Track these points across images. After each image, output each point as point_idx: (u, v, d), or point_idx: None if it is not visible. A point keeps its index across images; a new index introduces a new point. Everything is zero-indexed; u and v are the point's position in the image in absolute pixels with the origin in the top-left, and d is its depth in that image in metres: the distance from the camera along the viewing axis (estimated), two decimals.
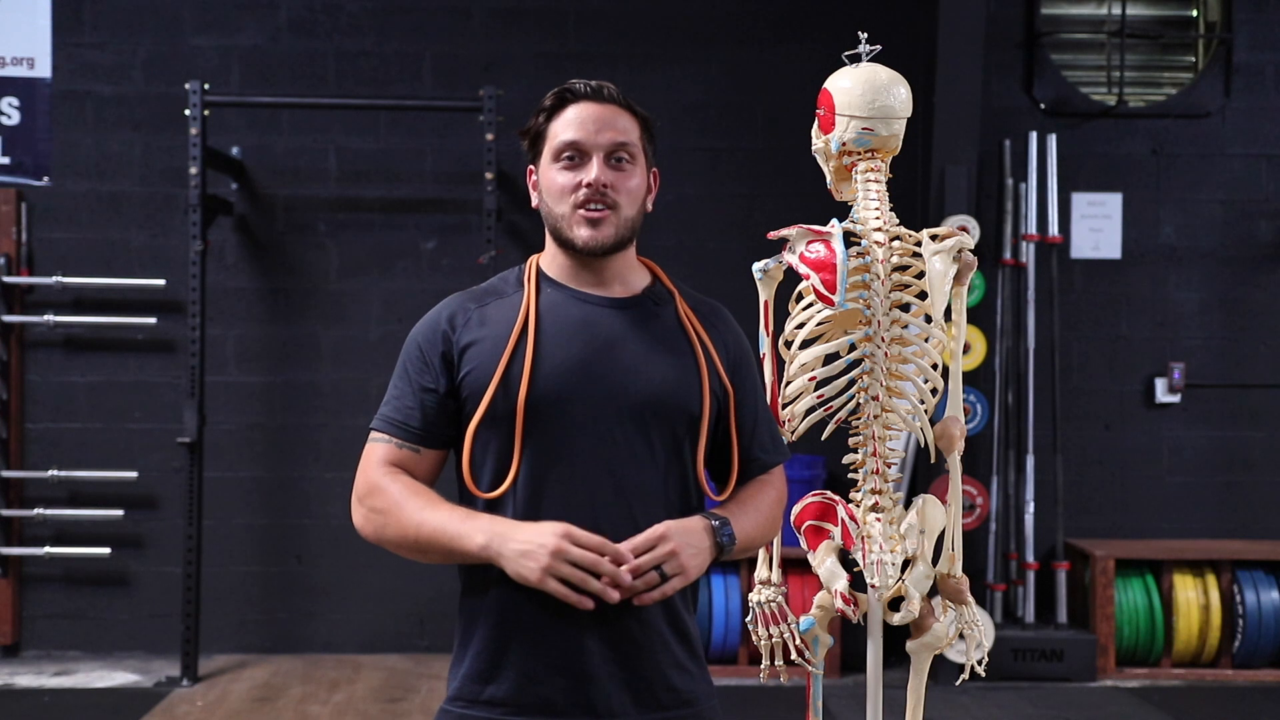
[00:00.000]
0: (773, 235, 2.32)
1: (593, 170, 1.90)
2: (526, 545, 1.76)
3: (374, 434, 1.94)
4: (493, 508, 1.88)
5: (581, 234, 1.91)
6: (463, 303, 1.97)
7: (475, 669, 1.89)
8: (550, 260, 1.99)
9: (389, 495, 1.87)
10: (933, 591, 2.32)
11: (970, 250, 2.33)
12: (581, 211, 1.90)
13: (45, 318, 5.56)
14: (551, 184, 1.93)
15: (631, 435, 1.87)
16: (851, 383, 2.29)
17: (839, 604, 2.24)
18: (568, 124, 1.93)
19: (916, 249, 2.28)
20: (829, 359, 2.29)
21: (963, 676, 2.46)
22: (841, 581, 2.24)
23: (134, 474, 5.56)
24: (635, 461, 1.87)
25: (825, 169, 2.41)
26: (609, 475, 1.86)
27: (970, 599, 2.36)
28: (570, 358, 1.88)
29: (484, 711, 1.87)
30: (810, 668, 2.35)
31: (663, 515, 1.86)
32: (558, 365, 1.88)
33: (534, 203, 2.00)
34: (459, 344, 1.91)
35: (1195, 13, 6.14)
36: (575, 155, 1.92)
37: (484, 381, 1.87)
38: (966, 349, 4.82)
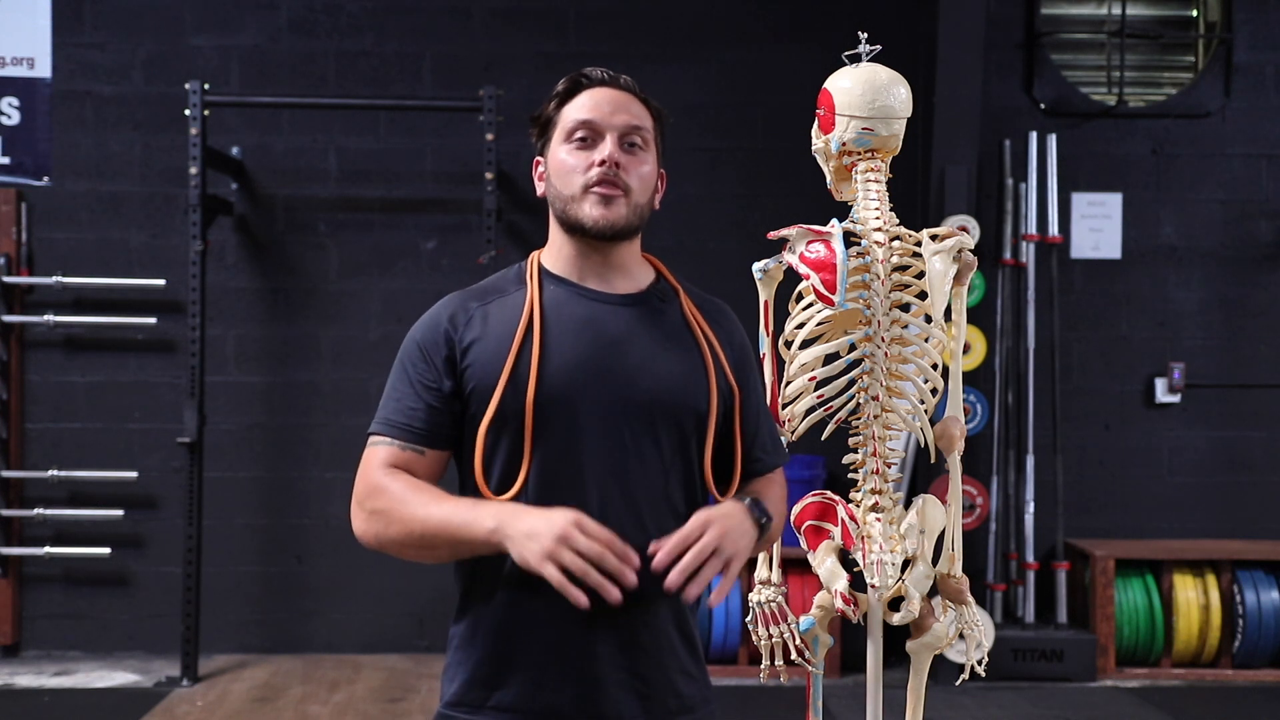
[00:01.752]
0: (773, 235, 2.32)
1: (606, 148, 1.85)
2: (534, 527, 1.68)
3: (374, 437, 1.86)
4: None
5: (593, 213, 1.84)
6: (463, 301, 1.90)
7: (480, 674, 1.83)
8: (553, 255, 1.93)
9: (391, 494, 1.80)
10: (933, 591, 2.32)
11: (970, 250, 2.33)
12: (594, 190, 1.84)
13: (45, 318, 5.56)
14: (561, 165, 1.87)
15: (639, 436, 1.82)
16: (851, 383, 2.29)
17: (839, 604, 2.24)
18: (581, 106, 1.88)
19: (916, 249, 2.28)
20: (829, 359, 2.29)
21: (963, 676, 2.46)
22: (841, 581, 2.24)
23: (134, 474, 5.56)
24: (643, 463, 1.82)
25: (825, 169, 2.41)
26: (615, 477, 1.80)
27: (970, 599, 2.36)
28: (577, 356, 1.82)
29: (490, 717, 1.81)
30: (810, 668, 2.35)
31: (670, 518, 1.81)
32: (565, 364, 1.81)
33: (539, 191, 1.94)
34: (461, 343, 1.84)
35: (1195, 13, 6.14)
36: (588, 136, 1.86)
37: (490, 381, 1.81)
38: (966, 349, 4.82)
